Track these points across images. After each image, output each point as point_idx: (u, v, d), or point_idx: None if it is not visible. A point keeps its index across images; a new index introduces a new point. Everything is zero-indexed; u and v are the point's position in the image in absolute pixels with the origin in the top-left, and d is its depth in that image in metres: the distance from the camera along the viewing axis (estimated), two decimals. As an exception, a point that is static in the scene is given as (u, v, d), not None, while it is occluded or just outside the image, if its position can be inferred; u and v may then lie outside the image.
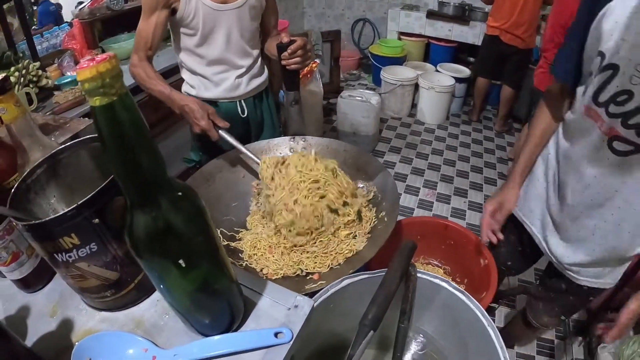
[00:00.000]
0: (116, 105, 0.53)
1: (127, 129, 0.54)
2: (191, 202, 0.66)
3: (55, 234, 0.72)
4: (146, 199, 0.60)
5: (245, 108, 2.18)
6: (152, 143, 0.58)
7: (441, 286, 1.11)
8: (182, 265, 0.64)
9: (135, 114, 0.55)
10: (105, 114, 0.53)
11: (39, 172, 0.85)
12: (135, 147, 0.56)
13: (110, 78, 0.51)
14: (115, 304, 0.87)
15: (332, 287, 1.06)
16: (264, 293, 0.87)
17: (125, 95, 0.53)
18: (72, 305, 0.90)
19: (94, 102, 0.51)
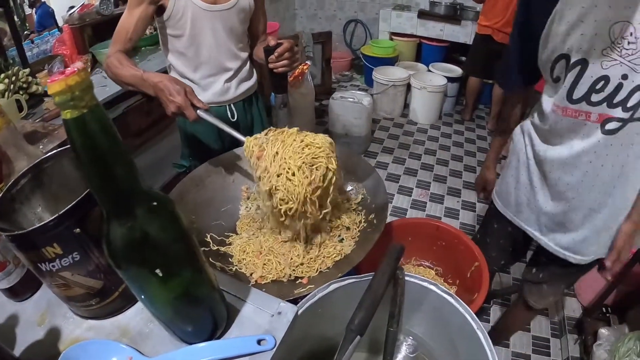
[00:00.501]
0: (87, 118, 0.53)
1: (99, 140, 0.55)
2: (167, 211, 0.66)
3: (37, 244, 0.72)
4: (121, 209, 0.60)
5: (235, 112, 2.16)
6: (125, 154, 0.58)
7: (430, 289, 1.11)
8: (159, 274, 0.64)
9: (107, 125, 0.55)
10: (77, 127, 0.53)
11: (23, 182, 0.85)
12: (108, 158, 0.56)
13: (80, 91, 0.51)
14: (101, 312, 0.87)
15: (319, 292, 1.05)
16: (247, 299, 0.87)
17: (96, 107, 0.54)
18: (60, 314, 0.90)
19: (65, 115, 0.52)
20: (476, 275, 1.87)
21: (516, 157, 1.79)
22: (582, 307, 2.94)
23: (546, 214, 1.70)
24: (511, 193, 1.84)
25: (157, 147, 3.44)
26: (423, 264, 2.24)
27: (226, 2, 1.91)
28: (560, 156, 1.53)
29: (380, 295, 0.96)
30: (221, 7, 1.90)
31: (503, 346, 2.83)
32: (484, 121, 5.67)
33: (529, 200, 1.76)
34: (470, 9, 5.60)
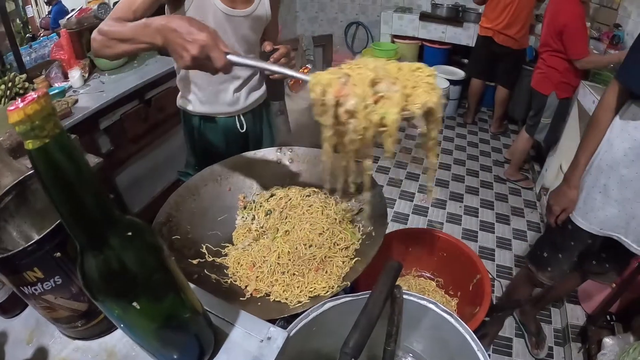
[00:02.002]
0: (50, 148, 0.50)
1: (65, 170, 0.52)
2: (143, 240, 0.62)
3: (18, 268, 0.70)
4: (94, 241, 0.57)
5: (245, 123, 2.10)
6: (94, 182, 0.55)
7: (428, 308, 1.08)
8: (136, 307, 0.61)
9: (73, 154, 0.52)
10: (40, 157, 0.50)
11: (7, 200, 0.82)
12: (76, 188, 0.53)
13: (40, 120, 0.48)
14: (88, 334, 0.85)
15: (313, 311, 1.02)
16: (236, 323, 0.84)
17: (59, 135, 0.50)
18: (48, 333, 0.88)
19: (28, 146, 0.49)
20: (478, 288, 1.83)
21: (606, 175, 1.88)
22: (586, 314, 2.91)
23: (635, 218, 1.86)
24: (599, 209, 1.94)
25: (154, 154, 3.42)
26: (424, 274, 2.20)
27: (245, 8, 1.83)
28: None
29: (377, 316, 0.92)
30: (239, 13, 1.82)
31: (505, 355, 2.81)
32: (486, 124, 5.66)
33: (620, 211, 1.88)
34: (472, 10, 5.59)
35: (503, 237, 3.81)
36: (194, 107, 2.02)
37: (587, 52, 3.43)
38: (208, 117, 2.03)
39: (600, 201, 1.92)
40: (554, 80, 3.72)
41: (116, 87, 3.01)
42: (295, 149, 1.76)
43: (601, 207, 1.93)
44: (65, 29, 3.26)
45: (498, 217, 4.05)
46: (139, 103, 3.12)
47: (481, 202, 4.23)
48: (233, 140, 2.10)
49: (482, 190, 4.41)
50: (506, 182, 4.51)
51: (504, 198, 4.31)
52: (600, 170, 1.89)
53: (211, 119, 2.04)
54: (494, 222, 3.97)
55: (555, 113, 3.83)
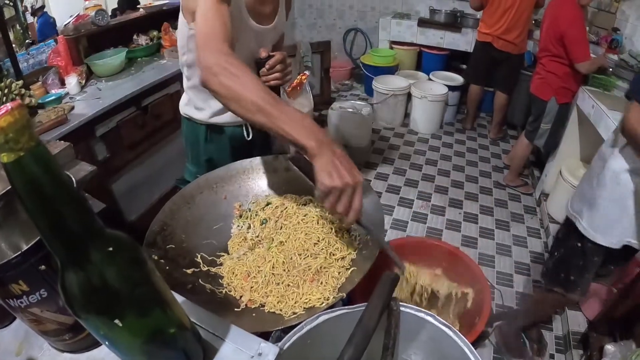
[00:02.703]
0: (25, 161, 0.48)
1: (42, 184, 0.50)
2: (126, 255, 0.60)
3: (3, 280, 0.68)
4: (74, 256, 0.56)
5: (251, 131, 2.04)
6: (73, 196, 0.53)
7: (426, 320, 1.05)
8: (118, 324, 0.59)
9: (50, 166, 0.50)
10: (15, 171, 0.48)
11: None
12: (53, 202, 0.51)
13: (13, 132, 0.46)
14: (76, 347, 0.83)
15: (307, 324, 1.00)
16: (226, 338, 0.81)
17: (35, 148, 0.49)
18: (37, 345, 0.86)
19: (2, 159, 0.47)
20: (478, 298, 1.81)
21: (619, 190, 1.91)
22: (587, 321, 2.89)
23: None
24: (617, 221, 1.96)
25: (151, 161, 3.40)
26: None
27: (269, 24, 1.81)
28: None
29: (372, 329, 0.90)
30: (264, 29, 1.80)
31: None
32: (485, 130, 5.66)
33: (637, 219, 1.91)
34: (471, 16, 5.60)
35: (503, 243, 3.79)
36: (203, 116, 1.98)
37: (589, 56, 3.44)
38: (216, 126, 1.99)
39: (618, 214, 1.94)
40: (554, 85, 3.72)
41: (113, 93, 3.00)
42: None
43: (618, 219, 1.94)
44: (62, 35, 3.25)
45: (498, 223, 4.03)
46: (135, 110, 3.10)
47: (480, 208, 4.22)
48: (238, 148, 2.05)
49: (481, 196, 4.39)
50: (506, 187, 4.51)
51: (504, 204, 4.29)
52: (618, 182, 1.90)
53: (219, 128, 2.00)
54: (494, 229, 3.96)
55: (555, 118, 3.82)
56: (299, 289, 1.29)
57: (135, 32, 3.82)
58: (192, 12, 1.58)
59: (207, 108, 1.95)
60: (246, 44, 1.77)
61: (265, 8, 1.76)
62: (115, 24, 3.65)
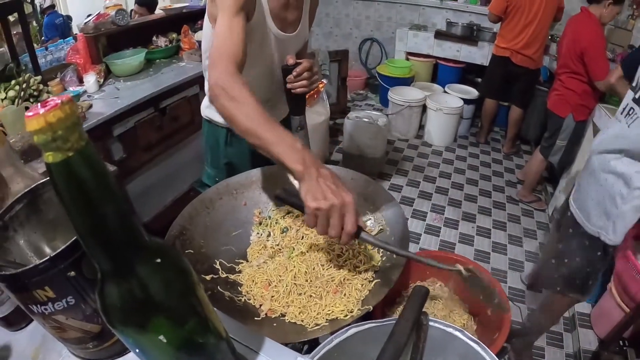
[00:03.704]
0: (73, 162, 0.43)
1: (90, 189, 0.45)
2: (173, 268, 0.56)
3: (28, 286, 0.64)
4: (117, 267, 0.51)
5: None
6: (121, 202, 0.49)
7: (455, 336, 1.02)
8: (162, 341, 0.55)
9: (99, 170, 0.46)
10: (61, 172, 0.43)
11: (18, 208, 0.77)
12: (100, 209, 0.46)
13: (63, 129, 0.41)
14: (99, 355, 0.79)
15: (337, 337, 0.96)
16: (260, 351, 0.78)
17: (84, 148, 0.44)
18: (55, 350, 0.83)
19: (47, 158, 0.42)
20: (497, 313, 1.78)
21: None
22: (598, 339, 2.87)
23: None
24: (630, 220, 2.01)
25: (166, 163, 3.39)
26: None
27: (293, 32, 1.80)
28: None
29: (404, 344, 0.87)
30: (288, 37, 1.79)
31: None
32: (499, 144, 5.62)
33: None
34: (487, 30, 5.59)
35: (515, 259, 3.75)
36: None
37: (609, 73, 3.38)
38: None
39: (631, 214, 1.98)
40: (572, 102, 3.70)
41: (131, 93, 2.99)
42: (313, 165, 1.71)
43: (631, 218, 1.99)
44: (82, 33, 3.25)
45: (510, 238, 4.00)
46: (154, 111, 3.09)
47: (494, 222, 4.19)
48: (258, 153, 2.02)
49: (494, 210, 4.36)
50: (519, 203, 4.47)
51: (517, 219, 4.26)
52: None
53: None
54: (507, 244, 3.93)
55: (571, 135, 3.80)
56: (322, 300, 1.27)
57: (154, 34, 3.82)
58: (215, 18, 1.56)
59: None
60: (268, 51, 1.77)
61: (289, 15, 1.75)
62: (135, 24, 3.67)
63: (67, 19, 5.15)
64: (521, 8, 4.42)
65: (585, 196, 2.19)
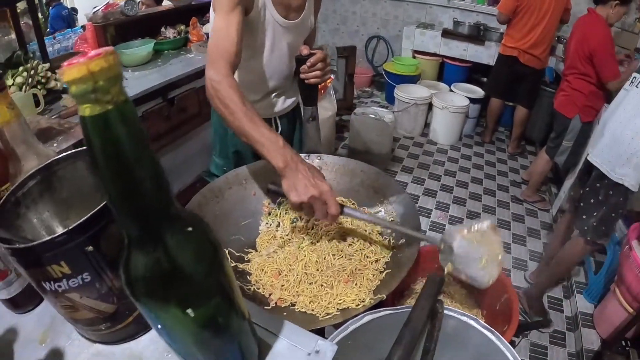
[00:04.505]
0: (112, 117, 0.41)
1: (126, 147, 0.42)
2: (203, 238, 0.54)
3: (42, 261, 0.61)
4: (147, 235, 0.49)
5: (280, 125, 2.07)
6: (157, 166, 0.47)
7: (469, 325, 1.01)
8: (190, 315, 0.53)
9: (137, 129, 0.43)
10: (98, 127, 0.41)
11: (31, 184, 0.75)
12: (135, 170, 0.44)
13: (105, 80, 0.39)
14: (111, 338, 0.77)
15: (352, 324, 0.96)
16: (280, 334, 0.76)
17: (124, 104, 0.42)
18: (64, 333, 0.80)
19: (84, 111, 0.40)
20: (505, 308, 1.77)
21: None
22: (600, 339, 2.86)
23: None
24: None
25: (174, 154, 3.37)
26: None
27: (296, 18, 1.80)
28: None
29: (420, 331, 0.86)
30: (291, 24, 1.79)
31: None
32: (504, 144, 5.61)
33: None
34: (494, 30, 5.57)
35: (519, 258, 3.75)
36: None
37: (619, 74, 3.42)
38: None
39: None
40: (579, 103, 3.70)
41: (139, 83, 2.97)
42: (324, 156, 1.71)
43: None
44: (91, 22, 3.24)
45: (515, 237, 3.99)
46: (162, 101, 3.08)
47: (498, 221, 4.18)
48: None
49: (499, 209, 4.35)
50: (523, 203, 4.45)
51: (521, 219, 4.25)
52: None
53: None
54: (511, 243, 3.92)
55: (577, 136, 3.78)
56: (333, 290, 1.26)
57: (162, 25, 3.82)
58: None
59: None
60: (273, 39, 1.78)
61: (292, 1, 1.75)
62: (144, 15, 3.67)
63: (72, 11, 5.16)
64: (531, 8, 4.41)
65: (608, 150, 2.59)
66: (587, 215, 2.75)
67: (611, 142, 2.60)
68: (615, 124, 2.60)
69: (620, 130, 2.56)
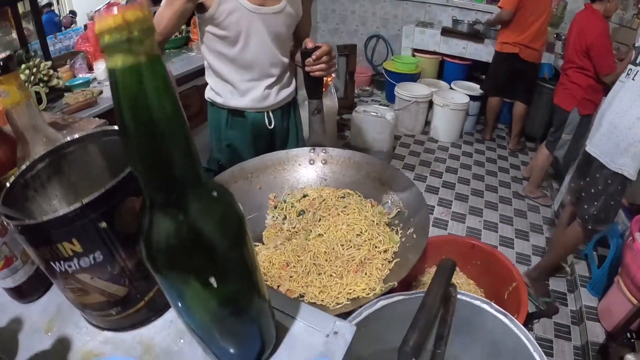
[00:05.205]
0: (144, 69, 0.39)
1: (156, 102, 0.41)
2: (228, 206, 0.52)
3: (53, 238, 0.59)
4: (172, 197, 0.47)
5: (273, 119, 2.06)
6: (185, 124, 0.45)
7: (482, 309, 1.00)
8: (212, 284, 0.51)
9: (168, 85, 0.42)
10: (129, 80, 0.39)
11: (40, 167, 0.73)
12: (163, 127, 0.42)
13: (139, 31, 0.37)
14: (121, 324, 0.74)
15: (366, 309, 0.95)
16: (297, 317, 0.74)
17: (156, 58, 0.40)
18: (71, 321, 0.78)
19: (115, 63, 0.38)
20: (514, 297, 1.76)
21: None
22: (605, 332, 2.86)
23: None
24: None
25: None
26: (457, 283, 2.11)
27: (274, 5, 1.81)
28: None
29: (435, 315, 0.84)
30: (269, 11, 1.80)
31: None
32: (504, 141, 5.61)
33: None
34: (494, 27, 5.55)
35: (523, 252, 3.76)
36: (224, 100, 1.98)
37: (614, 67, 3.46)
38: (237, 111, 1.99)
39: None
40: (577, 96, 3.72)
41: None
42: (329, 150, 1.70)
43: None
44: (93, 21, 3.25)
45: (517, 233, 3.99)
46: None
47: (500, 217, 4.18)
48: (260, 136, 2.07)
49: (501, 205, 4.35)
50: (525, 198, 4.45)
51: (523, 214, 4.25)
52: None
53: (240, 114, 2.00)
54: (514, 238, 3.92)
55: (576, 129, 3.80)
56: (343, 280, 1.25)
57: (164, 25, 3.79)
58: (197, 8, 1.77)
59: (224, 91, 1.98)
60: (251, 26, 1.81)
61: None
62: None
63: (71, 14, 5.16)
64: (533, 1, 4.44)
65: (606, 141, 2.68)
66: (588, 204, 2.84)
67: (609, 132, 2.67)
68: (612, 114, 2.67)
69: (617, 121, 2.62)
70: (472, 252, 2.00)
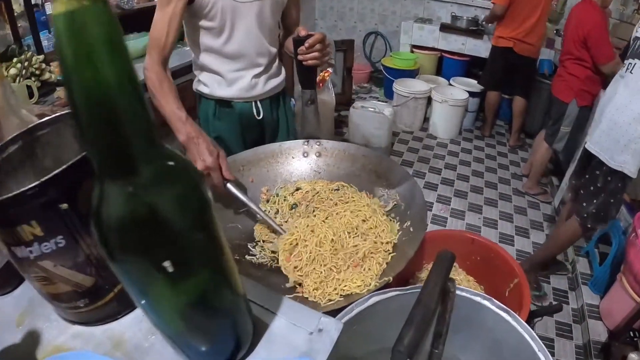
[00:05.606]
0: (87, 14, 0.35)
1: (102, 50, 0.37)
2: (187, 178, 0.47)
3: (11, 219, 0.55)
4: (121, 165, 0.41)
5: (262, 110, 2.02)
6: (135, 79, 0.40)
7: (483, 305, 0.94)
8: (168, 269, 0.45)
9: (116, 30, 0.38)
10: (70, 26, 0.35)
11: (11, 150, 0.70)
12: (110, 80, 0.37)
13: None
14: (91, 317, 0.71)
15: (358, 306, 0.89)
16: (278, 312, 0.68)
17: (102, 3, 0.36)
18: (43, 315, 0.75)
19: (58, 7, 0.34)
20: (515, 293, 1.71)
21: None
22: (607, 330, 2.82)
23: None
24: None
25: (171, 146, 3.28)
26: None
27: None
28: None
29: (432, 311, 0.79)
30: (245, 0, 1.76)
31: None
32: (504, 138, 5.58)
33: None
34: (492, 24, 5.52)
35: (523, 250, 3.71)
36: (211, 90, 1.96)
37: (612, 56, 3.46)
38: (224, 101, 1.97)
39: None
40: (575, 88, 3.71)
41: (135, 76, 2.91)
42: (323, 142, 1.68)
43: None
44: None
45: (517, 229, 3.95)
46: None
47: (500, 214, 4.14)
48: (248, 127, 2.04)
49: (501, 202, 4.31)
50: (525, 195, 4.42)
51: (523, 211, 4.21)
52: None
53: (227, 104, 1.97)
54: (514, 235, 3.89)
55: (575, 121, 3.79)
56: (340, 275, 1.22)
57: (158, 18, 3.77)
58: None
59: (210, 81, 1.98)
60: (233, 18, 1.79)
61: None
62: (140, 8, 3.64)
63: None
64: None
65: (606, 138, 2.66)
66: (587, 202, 2.82)
67: (608, 129, 2.65)
68: (612, 110, 2.65)
69: (617, 116, 2.60)
70: (472, 247, 1.95)
